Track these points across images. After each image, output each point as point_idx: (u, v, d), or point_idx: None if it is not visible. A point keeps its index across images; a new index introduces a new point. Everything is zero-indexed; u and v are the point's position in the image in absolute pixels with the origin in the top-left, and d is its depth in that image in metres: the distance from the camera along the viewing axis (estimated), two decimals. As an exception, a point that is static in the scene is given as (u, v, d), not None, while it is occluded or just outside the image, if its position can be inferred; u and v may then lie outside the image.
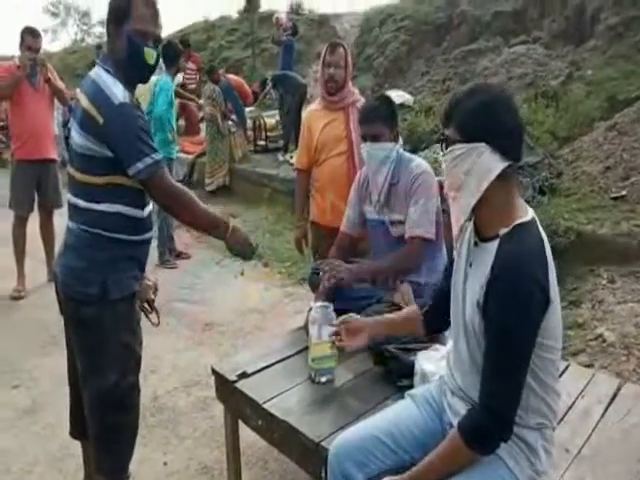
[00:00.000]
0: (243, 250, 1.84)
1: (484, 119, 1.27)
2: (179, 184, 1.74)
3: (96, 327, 1.70)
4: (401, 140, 2.35)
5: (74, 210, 1.73)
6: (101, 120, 1.60)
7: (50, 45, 32.14)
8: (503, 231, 1.29)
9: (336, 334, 1.69)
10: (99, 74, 1.67)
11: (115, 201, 1.69)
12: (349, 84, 2.86)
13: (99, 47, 12.82)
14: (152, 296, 2.00)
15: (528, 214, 1.33)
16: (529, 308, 1.22)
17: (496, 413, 1.26)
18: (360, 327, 1.71)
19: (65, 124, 8.81)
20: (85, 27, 34.46)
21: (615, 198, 4.21)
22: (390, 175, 2.27)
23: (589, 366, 2.81)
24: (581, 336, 3.11)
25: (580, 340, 3.08)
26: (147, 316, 2.00)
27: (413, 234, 2.22)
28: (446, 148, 1.34)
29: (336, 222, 2.88)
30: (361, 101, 2.82)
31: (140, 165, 1.61)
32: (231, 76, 8.80)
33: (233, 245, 1.82)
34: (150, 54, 1.70)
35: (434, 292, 1.66)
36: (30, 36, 4.11)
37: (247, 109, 8.59)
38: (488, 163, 1.27)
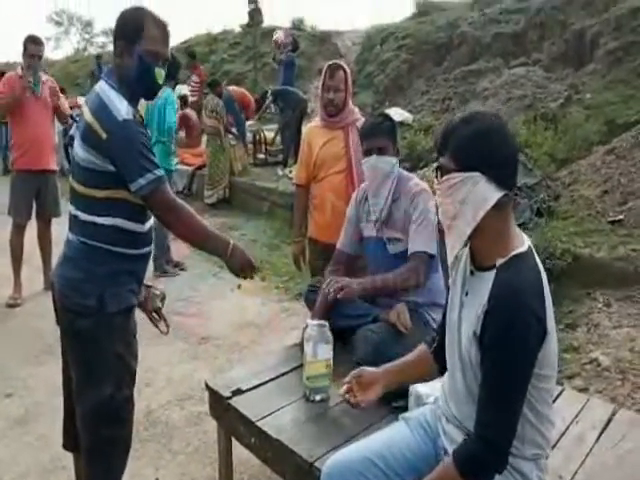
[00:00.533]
0: (244, 270, 1.82)
1: (479, 148, 1.27)
2: (180, 200, 1.75)
3: (92, 339, 1.70)
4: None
5: (74, 222, 1.74)
6: (104, 135, 1.61)
7: (53, 53, 32.31)
8: (500, 261, 1.29)
9: (348, 390, 1.58)
10: (103, 89, 1.68)
11: (116, 215, 1.70)
12: (349, 104, 2.89)
13: (99, 57, 12.94)
14: (160, 305, 2.03)
15: (525, 244, 1.33)
16: (526, 340, 1.22)
17: (492, 444, 1.25)
18: (372, 379, 1.59)
19: (65, 132, 8.86)
20: (87, 36, 34.82)
21: (612, 222, 4.24)
22: (393, 190, 2.28)
23: (584, 390, 2.81)
24: (576, 360, 3.11)
25: (575, 364, 3.08)
26: (156, 325, 2.03)
27: (417, 250, 2.21)
28: (441, 176, 1.33)
29: (334, 238, 2.89)
30: (361, 120, 2.84)
31: (142, 181, 1.62)
32: (233, 87, 8.86)
33: (233, 265, 1.80)
34: (160, 74, 1.74)
35: (439, 327, 1.61)
36: (32, 44, 4.14)
37: (248, 122, 8.65)
38: (484, 192, 1.27)
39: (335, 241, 2.91)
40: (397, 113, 7.94)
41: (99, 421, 1.73)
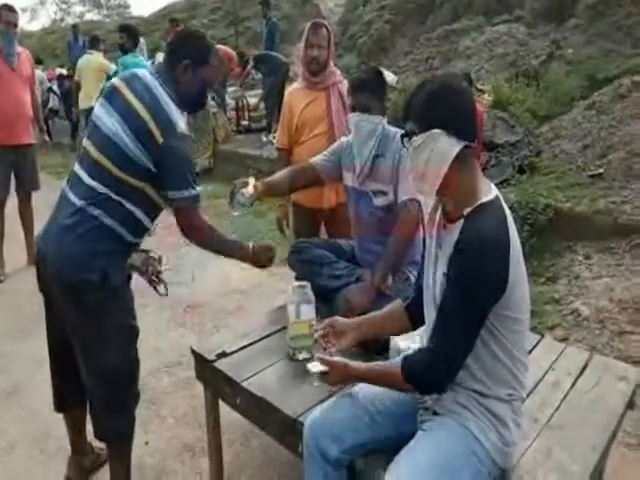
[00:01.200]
0: (266, 261, 2.05)
1: (435, 107, 1.32)
2: (204, 220, 1.89)
3: (98, 312, 1.75)
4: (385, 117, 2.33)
5: (93, 194, 1.74)
6: (161, 140, 1.70)
7: (29, 25, 31.41)
8: (467, 210, 1.33)
9: (323, 336, 1.63)
10: (160, 93, 1.76)
11: (139, 205, 1.79)
12: (331, 65, 2.84)
13: (75, 27, 12.59)
14: (160, 268, 2.13)
15: (491, 193, 1.36)
16: (483, 281, 1.28)
17: (438, 359, 1.33)
18: (346, 328, 1.64)
19: (44, 105, 8.71)
20: (65, 6, 33.73)
21: (592, 176, 4.27)
22: (376, 147, 2.24)
23: (564, 340, 2.88)
24: (557, 311, 3.18)
25: (556, 315, 3.14)
26: (155, 288, 2.13)
27: (407, 197, 2.17)
28: (407, 143, 1.38)
29: (317, 203, 2.89)
30: (343, 82, 2.80)
31: (182, 194, 1.76)
32: (220, 46, 8.65)
33: (258, 264, 2.04)
34: (207, 98, 2.02)
35: (415, 285, 1.65)
36: (6, 10, 4.04)
37: (230, 89, 8.51)
38: (444, 147, 1.31)
39: (319, 206, 2.91)
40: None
41: (114, 382, 1.85)
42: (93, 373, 1.85)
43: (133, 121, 1.72)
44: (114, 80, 1.86)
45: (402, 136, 1.39)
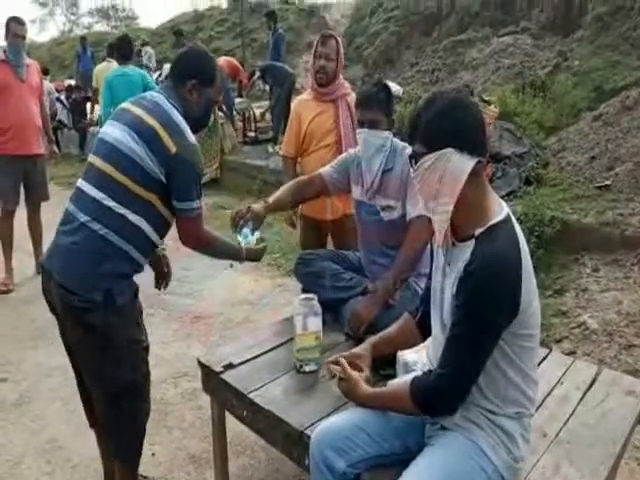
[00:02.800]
0: (258, 257, 2.12)
1: (445, 126, 1.30)
2: (204, 230, 1.88)
3: (104, 332, 1.70)
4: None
5: (97, 206, 1.69)
6: (174, 149, 1.70)
7: (38, 36, 31.76)
8: (479, 231, 1.31)
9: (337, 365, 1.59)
10: (169, 107, 1.77)
11: (146, 218, 1.74)
12: (340, 77, 2.86)
13: (83, 38, 12.74)
14: (165, 269, 2.18)
15: (503, 211, 1.35)
16: (495, 305, 1.26)
17: (447, 384, 1.32)
18: (360, 355, 1.62)
19: (53, 117, 8.81)
20: (73, 17, 34.18)
21: (600, 187, 4.26)
22: (384, 163, 2.26)
23: (572, 353, 2.86)
24: (564, 324, 3.16)
25: (563, 328, 3.13)
26: (159, 282, 2.19)
27: (419, 213, 2.15)
28: (415, 163, 1.35)
29: (324, 214, 2.90)
30: (352, 95, 2.81)
31: (187, 204, 1.77)
32: (224, 58, 8.70)
33: (250, 260, 2.10)
34: (211, 118, 2.01)
35: (422, 298, 1.64)
36: (15, 23, 4.09)
37: (237, 100, 8.56)
38: (458, 165, 1.29)
39: (324, 217, 2.91)
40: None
41: (123, 400, 1.79)
42: (101, 393, 1.81)
43: (142, 129, 1.70)
44: (122, 104, 1.86)
45: (411, 157, 1.37)
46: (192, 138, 1.77)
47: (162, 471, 2.31)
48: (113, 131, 1.74)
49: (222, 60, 8.46)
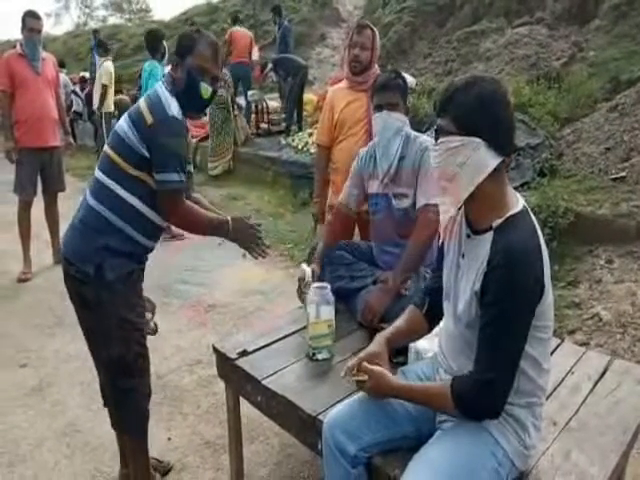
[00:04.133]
0: (249, 237, 1.95)
1: (482, 115, 1.28)
2: (188, 204, 1.85)
3: (95, 305, 1.80)
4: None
5: (99, 188, 1.82)
6: (150, 121, 1.74)
7: (53, 29, 32.04)
8: (497, 222, 1.31)
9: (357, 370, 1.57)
10: (162, 89, 1.82)
11: (136, 194, 1.79)
12: (375, 66, 2.86)
13: (96, 31, 12.84)
14: (148, 315, 2.10)
15: (519, 203, 1.35)
16: (525, 297, 1.26)
17: (490, 388, 1.29)
18: (378, 353, 1.58)
19: (69, 108, 8.89)
20: (87, 10, 34.37)
21: (615, 179, 4.22)
22: (401, 148, 2.27)
23: (585, 344, 2.86)
24: (577, 315, 3.16)
25: (577, 319, 3.12)
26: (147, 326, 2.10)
27: (428, 202, 2.18)
28: (438, 137, 1.34)
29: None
30: None
31: (167, 177, 1.75)
32: (235, 28, 8.69)
33: (238, 239, 1.94)
34: (205, 89, 1.85)
35: (430, 290, 1.65)
36: (31, 17, 4.14)
37: (249, 92, 8.58)
38: (484, 159, 1.28)
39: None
40: (400, 77, 7.83)
41: (114, 376, 1.89)
42: (99, 366, 1.93)
43: (133, 111, 1.81)
44: None
45: (437, 131, 1.35)
46: (174, 112, 1.76)
47: (178, 455, 2.37)
48: (122, 119, 1.84)
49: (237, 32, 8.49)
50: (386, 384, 1.46)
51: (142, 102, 1.80)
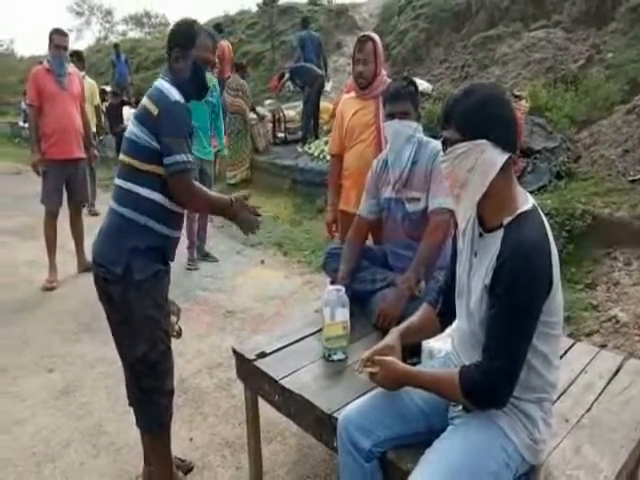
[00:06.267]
0: (248, 218, 2.00)
1: (482, 117, 1.33)
2: (197, 186, 1.90)
3: (122, 304, 1.89)
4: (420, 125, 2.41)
5: (118, 191, 1.92)
6: (156, 111, 1.81)
7: (75, 44, 32.77)
8: (507, 220, 1.36)
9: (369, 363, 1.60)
10: (161, 82, 1.90)
11: (156, 189, 1.87)
12: (382, 74, 2.90)
13: (116, 46, 13.13)
14: (174, 318, 2.18)
15: (529, 201, 1.39)
16: (533, 292, 1.30)
17: (498, 376, 1.32)
18: (391, 347, 1.61)
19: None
20: (108, 25, 35.15)
21: (633, 181, 4.20)
22: (413, 154, 2.32)
23: (602, 346, 2.85)
24: (595, 317, 3.15)
25: (594, 321, 3.12)
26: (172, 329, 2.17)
27: (439, 205, 2.24)
28: (446, 149, 1.38)
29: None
30: None
31: (175, 158, 1.80)
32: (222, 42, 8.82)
33: (238, 219, 1.98)
34: (209, 78, 1.98)
35: (442, 290, 1.69)
36: (57, 34, 4.29)
37: (266, 102, 8.70)
38: (491, 158, 1.33)
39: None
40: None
41: (139, 375, 1.96)
42: (125, 364, 2.00)
43: (139, 111, 1.88)
44: None
45: (444, 143, 1.40)
46: (176, 97, 1.83)
47: (199, 455, 2.43)
48: (130, 123, 1.92)
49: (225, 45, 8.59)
50: (396, 371, 1.50)
51: (144, 100, 1.88)
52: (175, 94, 1.84)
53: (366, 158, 2.82)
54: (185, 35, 1.91)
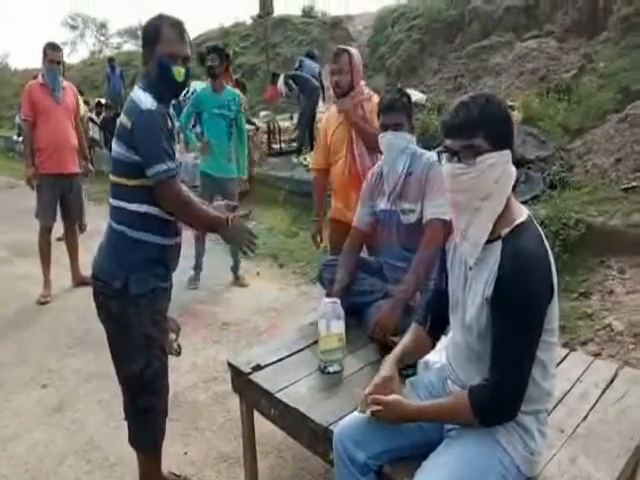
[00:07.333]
0: (243, 240, 1.91)
1: (508, 127, 1.34)
2: (186, 194, 1.85)
3: (120, 319, 1.88)
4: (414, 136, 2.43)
5: (112, 210, 1.93)
6: (129, 124, 1.79)
7: (69, 57, 32.91)
8: (505, 231, 1.36)
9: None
10: (136, 91, 1.86)
11: (145, 201, 1.85)
12: (359, 84, 2.92)
13: (111, 59, 13.19)
14: (173, 335, 2.20)
15: (524, 213, 1.40)
16: (538, 302, 1.31)
17: (507, 392, 1.33)
18: (390, 378, 1.57)
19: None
20: (103, 38, 35.32)
21: (626, 189, 4.23)
22: (408, 165, 2.34)
23: (597, 355, 2.85)
24: (589, 326, 3.15)
25: (589, 330, 3.12)
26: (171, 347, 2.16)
27: (433, 216, 2.24)
28: (473, 157, 1.30)
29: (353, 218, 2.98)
30: (372, 99, 2.88)
31: (156, 168, 1.76)
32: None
33: (232, 239, 1.93)
34: (179, 72, 1.84)
35: (429, 306, 1.70)
36: (51, 49, 4.29)
37: (262, 113, 8.73)
38: (510, 169, 1.34)
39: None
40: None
41: (134, 392, 1.95)
42: (120, 379, 1.99)
43: (117, 128, 1.85)
44: None
45: (454, 153, 1.33)
46: (147, 105, 1.76)
47: (195, 470, 2.41)
48: (113, 141, 1.90)
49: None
50: (402, 412, 1.46)
51: (121, 115, 1.85)
52: (147, 101, 1.78)
53: (340, 171, 2.93)
54: (150, 32, 1.84)
